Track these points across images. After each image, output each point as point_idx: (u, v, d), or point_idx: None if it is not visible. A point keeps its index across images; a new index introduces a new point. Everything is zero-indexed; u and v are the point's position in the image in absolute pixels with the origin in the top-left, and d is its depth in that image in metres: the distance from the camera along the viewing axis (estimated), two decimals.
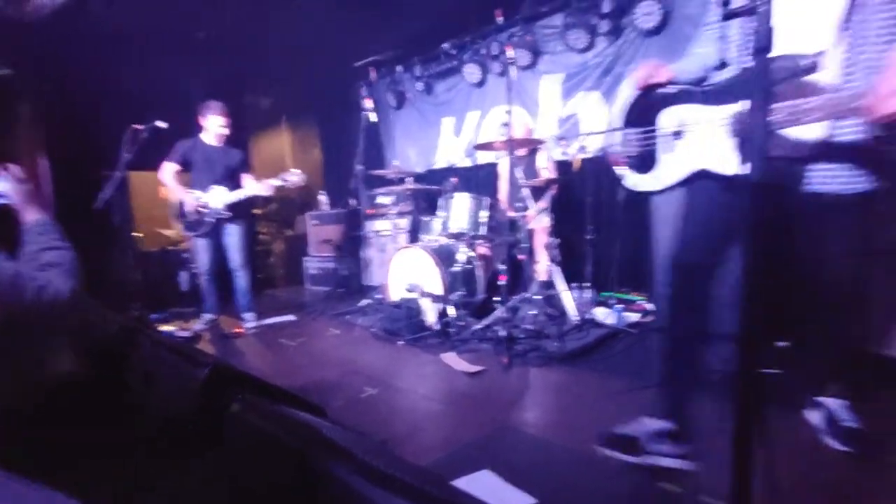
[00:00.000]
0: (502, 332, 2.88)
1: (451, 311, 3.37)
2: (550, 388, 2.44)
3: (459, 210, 3.63)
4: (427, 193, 4.87)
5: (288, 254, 6.76)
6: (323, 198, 6.25)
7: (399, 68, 5.52)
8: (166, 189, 3.80)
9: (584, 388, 2.38)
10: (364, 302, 4.40)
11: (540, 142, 3.71)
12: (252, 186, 3.74)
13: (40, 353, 1.15)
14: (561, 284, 3.58)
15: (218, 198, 3.70)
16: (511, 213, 3.54)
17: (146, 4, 4.04)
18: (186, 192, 3.73)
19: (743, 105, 1.19)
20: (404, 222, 4.97)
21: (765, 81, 0.74)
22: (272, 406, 1.02)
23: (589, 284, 3.69)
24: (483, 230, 3.63)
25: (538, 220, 3.69)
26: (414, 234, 4.87)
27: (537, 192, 3.67)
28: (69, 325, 1.18)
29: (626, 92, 1.66)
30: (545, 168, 3.81)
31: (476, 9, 4.52)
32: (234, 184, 3.77)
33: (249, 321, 3.94)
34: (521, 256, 3.43)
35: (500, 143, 3.28)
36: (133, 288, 4.72)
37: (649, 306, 3.54)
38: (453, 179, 4.14)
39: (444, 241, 3.82)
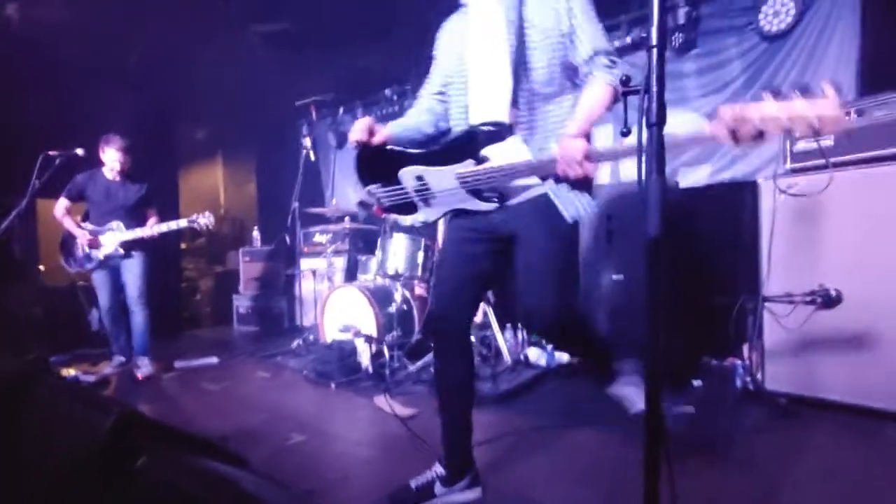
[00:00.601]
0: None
1: (386, 352, 3.33)
2: (481, 429, 2.45)
3: (397, 250, 3.66)
4: (364, 233, 4.86)
5: (216, 291, 6.42)
6: (256, 234, 6.06)
7: (341, 110, 5.60)
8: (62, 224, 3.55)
9: (514, 429, 2.41)
10: (296, 343, 4.25)
11: None
12: (146, 228, 3.57)
13: None
14: (495, 326, 3.66)
15: (111, 238, 3.53)
16: None
17: (76, 29, 3.87)
18: (79, 227, 3.54)
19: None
20: (340, 261, 4.91)
21: (660, 150, 0.86)
22: (187, 457, 0.96)
23: (521, 325, 3.80)
24: (419, 271, 3.67)
25: None
26: (350, 274, 4.82)
27: None
28: None
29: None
30: None
31: (418, 58, 4.73)
32: (135, 219, 3.60)
33: (144, 366, 3.57)
34: None
35: None
36: (33, 326, 4.28)
37: None
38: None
39: (380, 281, 3.81)
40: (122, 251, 3.52)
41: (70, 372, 3.51)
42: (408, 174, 1.64)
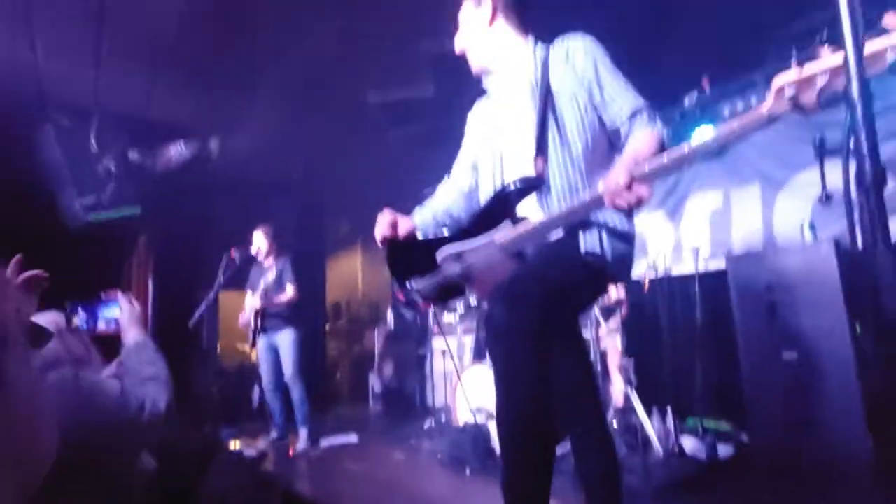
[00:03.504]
0: None
1: None
2: None
3: None
4: None
5: (354, 370, 6.84)
6: (390, 315, 6.43)
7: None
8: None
9: None
10: (427, 424, 4.26)
11: None
12: (281, 296, 3.96)
13: (126, 467, 1.21)
14: (640, 410, 3.31)
15: (251, 303, 3.99)
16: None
17: (254, 153, 4.77)
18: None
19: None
20: (469, 340, 4.95)
21: (883, 218, 0.73)
22: None
23: (670, 409, 3.38)
24: None
25: (610, 341, 3.55)
26: (479, 353, 4.81)
27: (606, 313, 3.59)
28: (156, 441, 1.25)
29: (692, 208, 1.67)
30: (612, 287, 3.76)
31: None
32: (277, 293, 4.01)
33: (302, 439, 3.89)
34: None
35: None
36: (209, 402, 4.92)
37: (744, 437, 3.15)
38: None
39: None
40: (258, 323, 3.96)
41: (236, 445, 3.91)
42: (447, 257, 1.53)
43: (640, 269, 3.63)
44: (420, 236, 1.65)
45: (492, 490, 2.74)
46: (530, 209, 1.39)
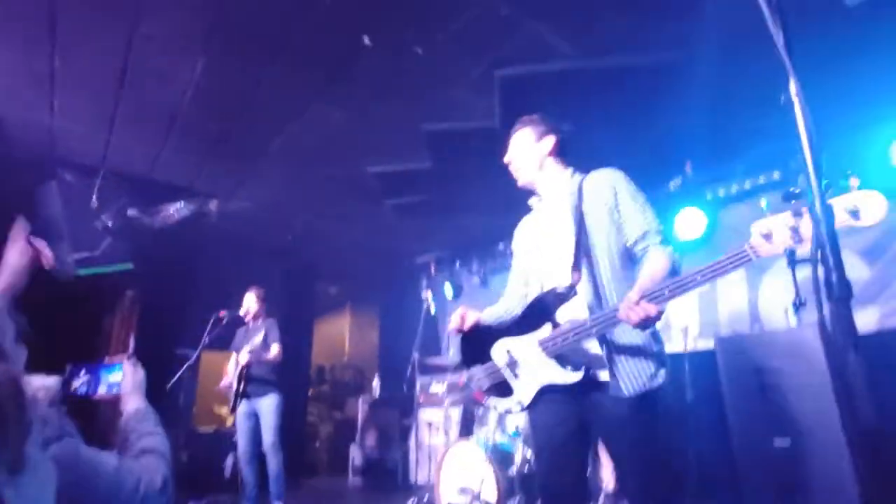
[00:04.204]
0: None
1: None
2: None
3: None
4: None
5: (335, 438, 6.54)
6: (376, 382, 6.27)
7: (458, 263, 6.01)
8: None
9: None
10: (410, 502, 4.03)
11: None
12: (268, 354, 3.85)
13: None
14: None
15: (238, 360, 3.85)
16: None
17: (251, 216, 4.86)
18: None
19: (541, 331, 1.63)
20: (456, 413, 4.80)
21: (850, 327, 0.78)
22: None
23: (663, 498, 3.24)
24: None
25: None
26: (466, 428, 4.65)
27: None
28: None
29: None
30: None
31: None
32: (263, 352, 3.88)
33: None
34: None
35: None
36: (177, 470, 4.63)
37: None
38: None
39: (499, 438, 3.61)
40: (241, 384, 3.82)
41: None
42: (498, 349, 1.76)
43: None
44: (482, 325, 1.87)
45: None
46: (568, 313, 1.61)
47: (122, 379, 1.35)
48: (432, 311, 4.65)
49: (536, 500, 3.27)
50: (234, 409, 3.90)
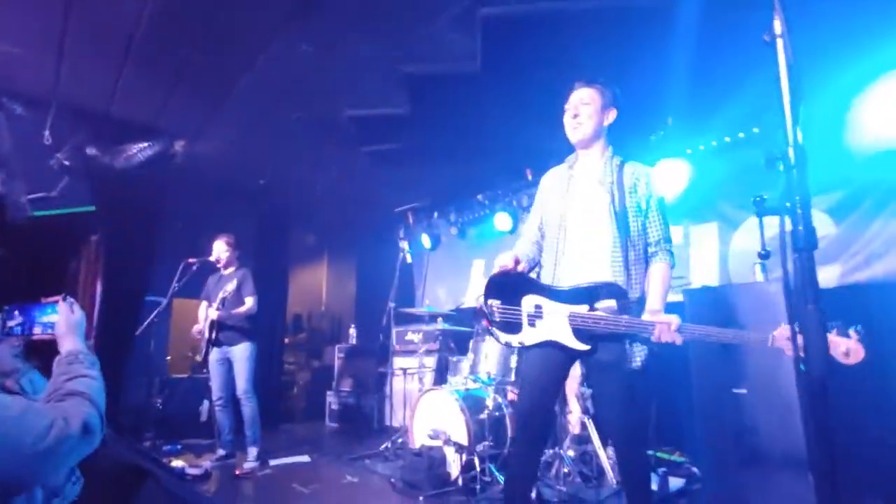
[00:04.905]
0: (533, 493, 2.62)
1: (477, 464, 3.13)
2: None
3: (489, 353, 3.58)
4: (456, 334, 4.86)
5: (312, 386, 6.64)
6: (353, 331, 6.31)
7: (435, 214, 5.95)
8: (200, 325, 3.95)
9: None
10: (384, 445, 4.16)
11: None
12: (240, 309, 3.83)
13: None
14: (596, 440, 3.33)
15: (209, 314, 3.82)
16: None
17: (220, 158, 4.64)
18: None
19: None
20: (431, 361, 4.90)
21: (812, 278, 0.78)
22: None
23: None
24: (512, 375, 3.53)
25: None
26: (441, 375, 4.76)
27: None
28: (67, 464, 1.12)
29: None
30: None
31: (507, 167, 4.99)
32: (235, 304, 3.84)
33: (251, 457, 3.74)
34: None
35: None
36: (152, 415, 4.66)
37: (696, 470, 3.20)
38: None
39: (472, 385, 3.70)
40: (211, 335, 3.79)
41: (178, 463, 3.70)
42: (529, 300, 1.96)
43: None
44: (527, 276, 2.06)
45: None
46: (605, 304, 1.85)
47: (58, 319, 1.29)
48: (408, 260, 4.63)
49: (505, 443, 3.41)
50: (205, 358, 3.88)
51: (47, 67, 3.17)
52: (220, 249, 3.99)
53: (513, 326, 1.97)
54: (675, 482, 3.07)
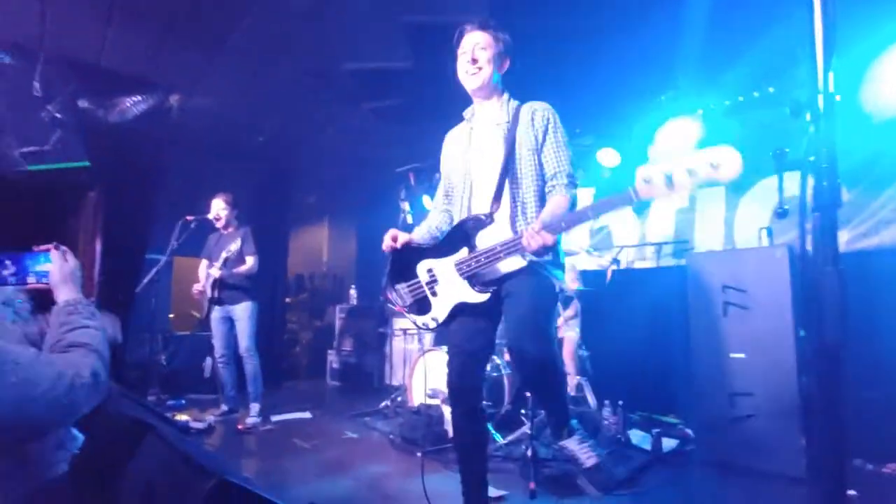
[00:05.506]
0: (528, 452, 2.67)
1: None
2: None
3: None
4: None
5: (314, 345, 6.73)
6: (353, 292, 6.33)
7: (437, 175, 5.84)
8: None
9: None
10: (384, 403, 4.24)
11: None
12: (241, 268, 3.82)
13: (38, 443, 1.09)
14: (591, 401, 3.38)
15: (211, 273, 3.82)
16: None
17: (217, 114, 4.51)
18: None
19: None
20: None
21: (833, 238, 0.73)
22: None
23: (621, 402, 3.46)
24: None
25: (567, 329, 3.58)
26: (440, 335, 4.80)
27: (565, 301, 3.61)
28: (78, 416, 1.13)
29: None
30: (570, 278, 3.78)
31: None
32: (237, 263, 3.83)
33: (253, 413, 3.80)
34: None
35: None
36: (156, 370, 4.74)
37: (689, 432, 3.26)
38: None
39: None
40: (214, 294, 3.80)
41: (183, 417, 3.78)
42: (422, 267, 1.90)
43: (605, 261, 3.66)
44: (412, 246, 1.96)
45: (442, 473, 2.75)
46: (482, 237, 1.78)
47: (51, 268, 1.26)
48: (409, 221, 4.58)
49: (502, 403, 3.46)
50: (207, 316, 3.90)
51: (31, 12, 3.02)
52: (218, 207, 3.94)
53: (423, 303, 1.88)
54: (669, 443, 3.12)
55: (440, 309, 1.85)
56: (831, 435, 0.79)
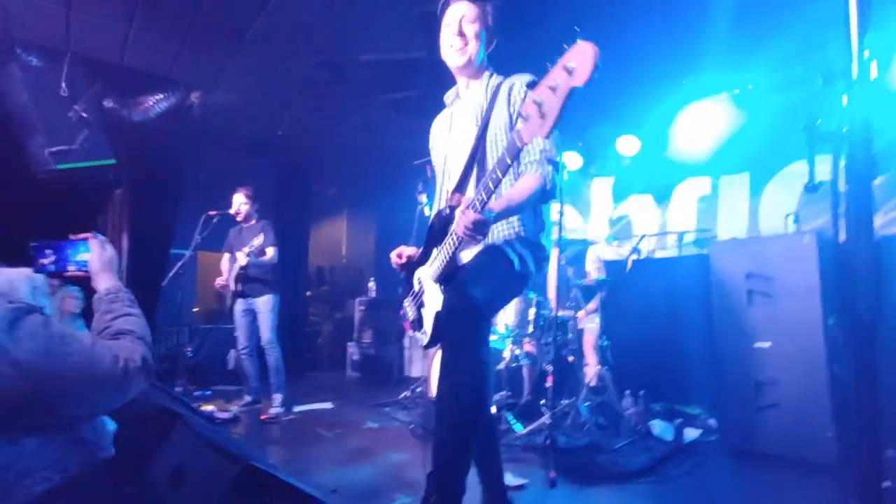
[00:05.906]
0: (549, 441, 2.67)
1: (494, 411, 3.19)
2: None
3: (507, 306, 3.57)
4: None
5: (335, 336, 6.82)
6: (372, 284, 6.38)
7: None
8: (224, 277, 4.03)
9: None
10: (403, 394, 4.28)
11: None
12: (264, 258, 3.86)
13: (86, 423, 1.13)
14: (612, 391, 3.35)
15: (237, 263, 3.87)
16: (561, 312, 3.44)
17: (236, 109, 4.58)
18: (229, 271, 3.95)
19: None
20: None
21: (868, 210, 0.70)
22: None
23: (642, 392, 3.43)
24: (530, 328, 3.53)
25: (588, 321, 3.55)
26: None
27: (587, 292, 3.58)
28: (124, 402, 1.16)
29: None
30: (594, 268, 3.75)
31: None
32: (258, 255, 3.85)
33: (276, 403, 3.86)
34: (570, 358, 3.27)
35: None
36: (182, 363, 4.87)
37: (712, 422, 3.21)
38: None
39: (490, 336, 3.72)
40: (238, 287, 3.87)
41: (208, 408, 3.88)
42: (415, 278, 1.77)
43: (624, 251, 3.61)
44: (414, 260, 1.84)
45: None
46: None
47: (90, 257, 1.29)
48: (426, 213, 4.58)
49: (522, 393, 3.46)
50: (230, 309, 3.98)
51: (58, 15, 3.10)
52: (239, 202, 4.01)
53: (420, 317, 1.74)
54: (691, 433, 3.08)
55: (427, 321, 1.70)
56: (865, 423, 0.76)
